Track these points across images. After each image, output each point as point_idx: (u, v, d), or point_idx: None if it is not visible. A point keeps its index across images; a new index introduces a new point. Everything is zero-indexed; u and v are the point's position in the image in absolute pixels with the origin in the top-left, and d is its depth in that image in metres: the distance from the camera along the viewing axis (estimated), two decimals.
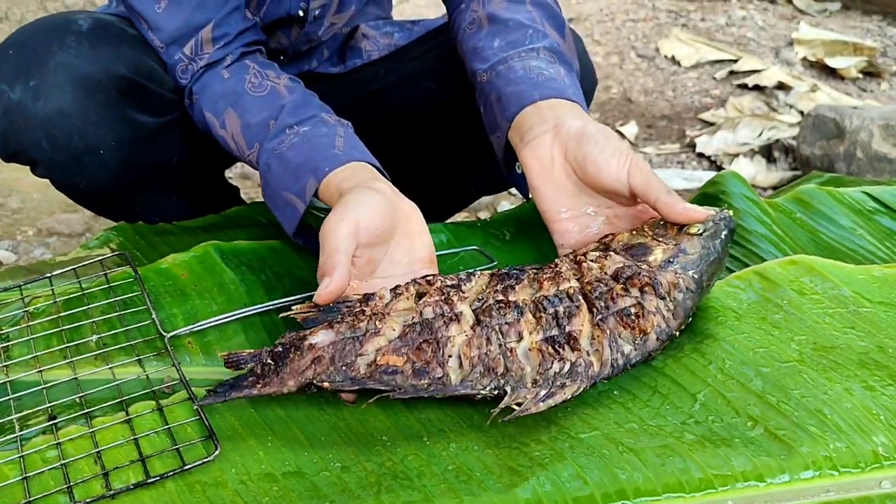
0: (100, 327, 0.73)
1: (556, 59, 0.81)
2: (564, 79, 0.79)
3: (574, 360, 0.63)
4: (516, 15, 0.84)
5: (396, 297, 0.65)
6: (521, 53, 0.81)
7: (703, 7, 3.44)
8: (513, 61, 0.80)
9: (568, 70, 0.81)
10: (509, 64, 0.80)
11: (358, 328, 0.63)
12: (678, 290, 0.67)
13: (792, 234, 0.89)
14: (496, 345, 0.63)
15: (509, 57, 0.81)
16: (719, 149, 2.09)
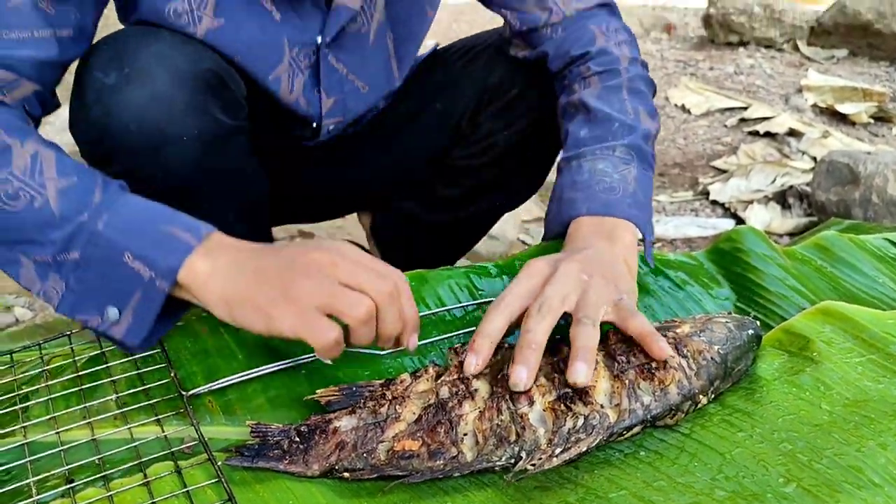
0: (119, 386, 0.72)
1: (633, 156, 0.86)
2: (628, 185, 0.84)
3: (587, 414, 0.63)
4: (608, 107, 0.89)
5: (416, 379, 0.66)
6: (597, 151, 0.86)
7: (710, 56, 3.48)
8: (585, 160, 0.86)
9: (642, 169, 0.86)
10: (580, 161, 0.86)
11: (379, 413, 0.64)
12: (702, 356, 0.67)
13: (813, 283, 0.88)
14: (507, 413, 0.63)
15: (583, 154, 0.87)
16: (733, 196, 2.09)
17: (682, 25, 4.14)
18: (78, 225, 0.67)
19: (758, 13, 3.54)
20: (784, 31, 3.56)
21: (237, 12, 0.83)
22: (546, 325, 0.66)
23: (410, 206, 1.21)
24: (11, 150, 0.68)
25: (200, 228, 0.69)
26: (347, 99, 0.97)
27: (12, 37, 0.70)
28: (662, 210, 2.07)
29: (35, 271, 0.69)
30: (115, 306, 0.68)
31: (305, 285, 0.64)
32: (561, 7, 0.95)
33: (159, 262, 0.67)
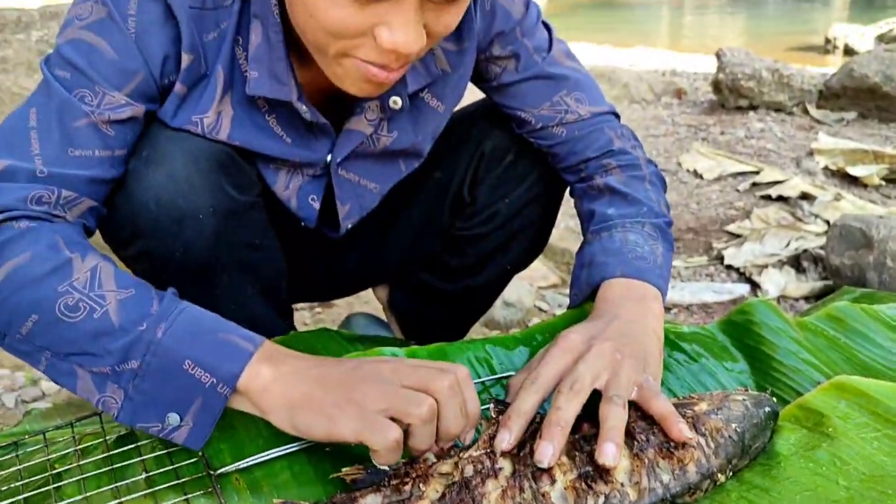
0: (149, 465, 0.74)
1: (660, 236, 0.92)
2: (657, 258, 0.89)
3: (608, 493, 0.64)
4: (635, 191, 0.96)
5: (441, 459, 0.68)
6: (627, 224, 0.92)
7: (721, 120, 3.54)
8: (616, 231, 0.92)
9: (667, 248, 0.92)
10: (612, 232, 0.92)
11: (403, 491, 0.65)
12: (720, 435, 0.68)
13: (827, 355, 0.89)
14: (529, 492, 0.64)
15: (614, 226, 0.92)
16: (748, 260, 2.11)
17: (692, 90, 4.22)
18: (137, 335, 0.68)
19: (766, 78, 3.61)
20: (793, 94, 3.62)
21: (250, 135, 0.87)
22: (576, 404, 0.68)
23: (424, 276, 1.24)
24: (72, 264, 0.70)
25: (255, 337, 0.71)
26: (362, 201, 1.01)
27: (76, 154, 0.75)
28: (678, 275, 2.09)
29: (93, 382, 0.70)
30: (176, 412, 0.70)
31: (368, 390, 0.66)
32: (575, 108, 0.99)
33: (221, 368, 0.68)
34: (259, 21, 0.81)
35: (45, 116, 0.76)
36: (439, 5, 0.72)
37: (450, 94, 0.98)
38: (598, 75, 4.24)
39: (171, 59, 0.79)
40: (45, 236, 0.71)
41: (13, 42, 2.26)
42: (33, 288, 0.69)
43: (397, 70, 0.76)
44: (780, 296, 1.96)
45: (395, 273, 1.29)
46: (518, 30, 0.96)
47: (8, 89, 2.17)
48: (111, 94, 0.76)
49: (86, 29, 0.76)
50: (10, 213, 0.71)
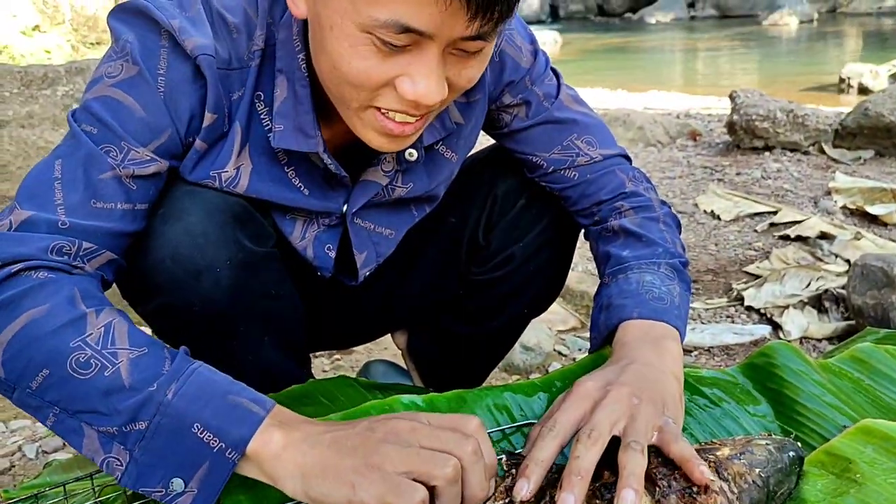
0: None
1: (676, 276, 0.92)
2: (674, 298, 0.88)
3: None
4: (649, 232, 0.96)
5: None
6: (643, 265, 0.92)
7: (737, 161, 3.55)
8: (632, 272, 0.92)
9: (684, 288, 0.92)
10: (627, 274, 0.92)
11: None
12: (744, 480, 0.67)
13: (851, 398, 0.88)
14: None
15: (630, 267, 0.92)
16: (768, 301, 2.09)
17: (707, 132, 4.24)
18: (148, 395, 0.66)
19: (781, 118, 3.62)
20: (808, 134, 3.62)
21: (268, 187, 0.88)
22: (595, 452, 0.67)
23: (443, 321, 1.24)
24: (87, 319, 0.69)
25: (266, 401, 0.70)
26: (378, 248, 1.01)
27: (98, 206, 0.76)
28: (697, 318, 2.07)
29: (99, 441, 0.68)
30: (181, 478, 0.67)
31: (388, 451, 0.63)
32: (586, 151, 1.00)
33: (231, 433, 0.66)
34: (284, 76, 0.83)
35: (69, 168, 0.76)
36: (461, 58, 0.73)
37: (462, 145, 1.00)
38: (613, 119, 4.27)
39: (197, 118, 0.81)
40: (63, 289, 0.71)
41: (39, 98, 2.32)
42: (47, 341, 0.68)
43: (415, 124, 0.77)
44: (802, 337, 1.94)
45: (413, 318, 1.29)
46: (528, 79, 0.98)
47: (34, 143, 2.22)
48: (136, 150, 0.77)
49: (115, 87, 0.78)
50: (30, 263, 0.71)
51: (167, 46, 0.78)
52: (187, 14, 0.80)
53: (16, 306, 0.69)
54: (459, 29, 0.69)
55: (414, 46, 0.70)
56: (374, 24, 0.68)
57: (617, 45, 12.83)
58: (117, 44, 0.79)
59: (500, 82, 0.97)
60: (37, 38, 5.74)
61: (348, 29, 0.70)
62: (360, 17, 0.68)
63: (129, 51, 0.78)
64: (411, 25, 0.67)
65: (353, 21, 0.69)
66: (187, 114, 0.80)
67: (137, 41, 0.78)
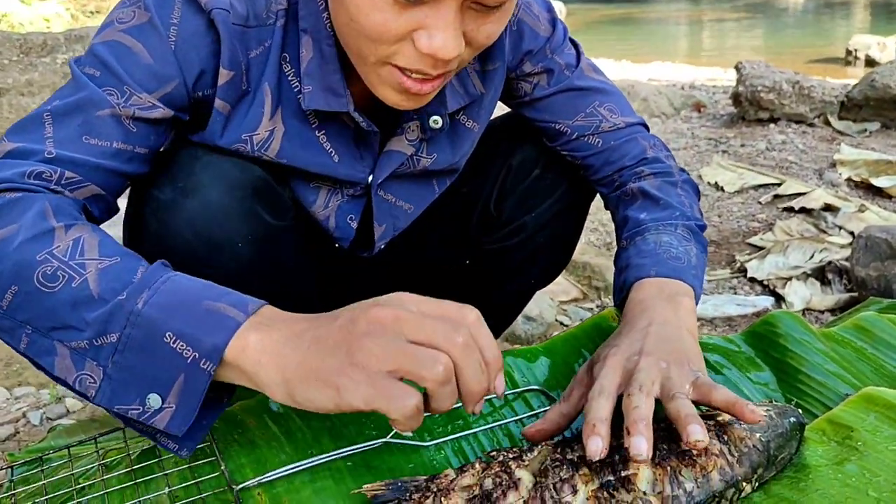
0: (172, 480, 0.75)
1: (693, 238, 0.93)
2: (691, 258, 0.89)
3: (630, 501, 0.63)
4: (667, 196, 0.96)
5: (462, 473, 0.67)
6: (660, 227, 0.93)
7: (742, 133, 3.52)
8: (650, 234, 0.92)
9: (700, 250, 0.92)
10: (645, 235, 0.92)
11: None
12: (744, 444, 0.68)
13: (854, 366, 0.88)
14: (551, 502, 0.63)
15: (647, 229, 0.93)
16: (771, 273, 2.08)
17: (711, 104, 4.21)
18: (117, 304, 0.62)
19: (786, 90, 3.59)
20: (814, 106, 3.59)
21: (299, 152, 0.88)
22: (650, 402, 0.68)
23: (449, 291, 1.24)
24: (55, 234, 0.66)
25: (248, 303, 0.65)
26: (396, 221, 1.01)
27: (91, 143, 0.74)
28: None
29: (71, 359, 0.64)
30: (157, 393, 0.63)
31: (372, 348, 0.59)
32: (609, 118, 1.01)
33: (203, 340, 0.61)
34: (309, 36, 0.81)
35: (64, 105, 0.74)
36: (480, 12, 0.72)
37: (483, 114, 0.99)
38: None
39: (208, 74, 0.79)
40: (35, 205, 0.68)
41: (39, 65, 2.30)
42: (13, 256, 0.65)
43: (433, 82, 0.76)
44: (804, 308, 1.93)
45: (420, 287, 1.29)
46: (548, 48, 0.97)
47: None
48: (139, 96, 0.76)
49: (125, 32, 0.76)
50: (4, 185, 0.69)
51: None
52: None
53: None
54: None
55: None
56: None
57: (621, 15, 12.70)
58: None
59: (519, 51, 0.97)
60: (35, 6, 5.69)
61: None
62: None
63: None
64: None
65: None
66: (197, 67, 0.78)
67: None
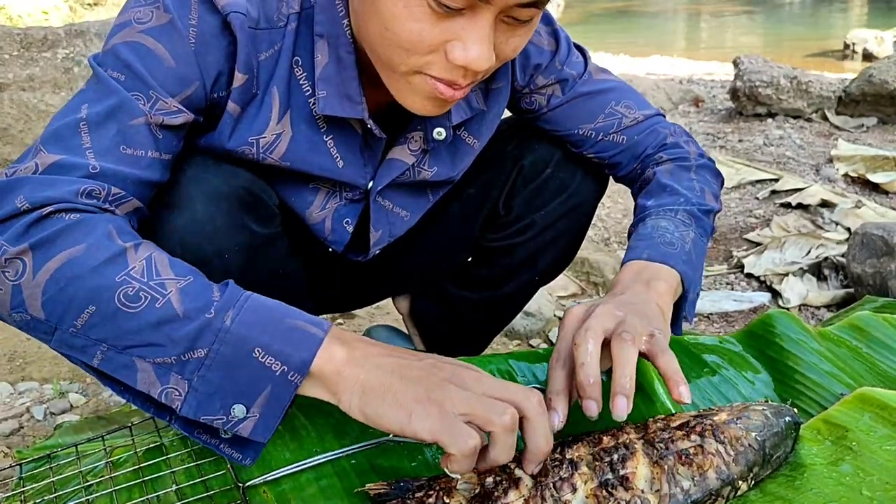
0: (179, 477, 0.76)
1: (693, 223, 0.94)
2: (685, 244, 0.90)
3: (629, 500, 0.65)
4: (676, 183, 0.99)
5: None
6: (661, 212, 0.95)
7: (739, 128, 3.53)
8: (650, 219, 0.95)
9: (699, 234, 0.94)
10: (646, 221, 0.95)
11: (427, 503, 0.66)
12: (739, 443, 0.69)
13: (849, 366, 0.89)
14: (551, 500, 0.65)
15: (649, 215, 0.95)
16: (768, 269, 2.10)
17: (709, 98, 4.21)
18: (205, 322, 0.65)
19: (784, 85, 3.60)
20: (812, 101, 3.60)
21: (304, 155, 0.88)
22: (594, 348, 0.72)
23: (447, 287, 1.25)
24: (127, 254, 0.68)
25: (323, 322, 0.69)
26: (392, 228, 1.02)
27: (128, 152, 0.74)
28: None
29: (155, 374, 0.66)
30: (242, 403, 0.66)
31: (451, 390, 0.63)
32: (629, 114, 1.03)
33: (293, 355, 0.65)
34: (325, 41, 0.82)
35: (97, 112, 0.74)
36: (511, 26, 0.73)
37: (484, 132, 1.01)
38: None
39: (224, 76, 0.80)
40: (99, 227, 0.69)
41: (40, 60, 2.30)
42: (90, 278, 0.66)
43: (462, 89, 0.77)
44: (801, 304, 1.95)
45: (417, 285, 1.30)
46: (556, 61, 1.00)
47: (35, 107, 2.21)
48: (164, 100, 0.76)
49: (145, 33, 0.76)
50: (60, 206, 0.69)
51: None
52: None
53: (50, 247, 0.67)
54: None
55: (469, 10, 0.69)
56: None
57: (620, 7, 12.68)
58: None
59: (528, 67, 0.99)
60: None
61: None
62: None
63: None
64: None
65: None
66: (215, 68, 0.78)
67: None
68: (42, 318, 0.67)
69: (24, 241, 0.66)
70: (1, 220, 0.68)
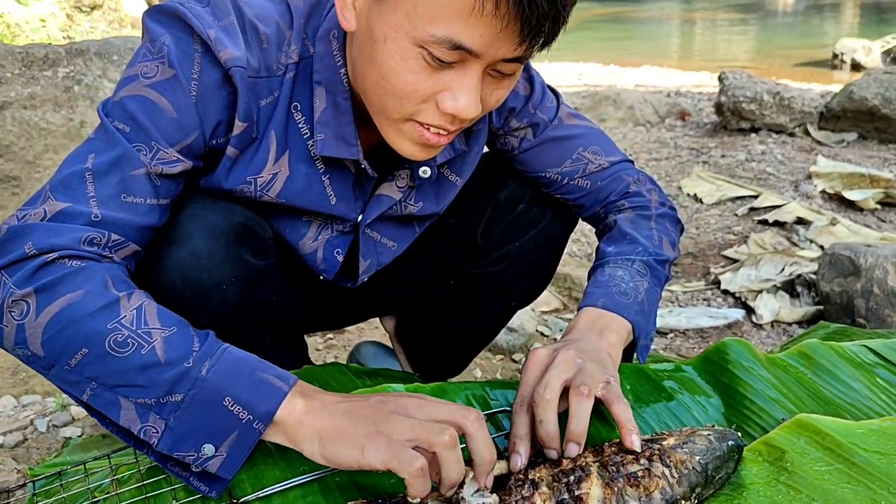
0: (179, 494, 0.83)
1: (649, 272, 1.01)
2: (639, 294, 0.98)
3: None
4: (636, 231, 1.06)
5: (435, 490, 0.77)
6: (619, 261, 1.02)
7: (723, 143, 3.62)
8: (608, 266, 1.02)
9: (653, 284, 1.01)
10: (604, 268, 1.02)
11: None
12: (684, 466, 0.77)
13: (794, 392, 0.97)
14: None
15: (608, 262, 1.03)
16: (743, 285, 2.18)
17: (696, 112, 4.30)
18: (184, 370, 0.74)
19: (767, 101, 3.69)
20: (794, 116, 3.69)
21: (299, 193, 0.95)
22: (552, 410, 0.81)
23: (431, 310, 1.33)
24: (120, 303, 0.76)
25: (289, 377, 0.78)
26: (380, 257, 1.10)
27: (129, 200, 0.82)
28: (675, 300, 2.17)
29: (136, 412, 0.75)
30: (212, 444, 0.75)
31: (395, 421, 0.72)
32: (595, 160, 1.10)
33: (258, 406, 0.75)
34: (324, 88, 0.89)
35: (102, 163, 0.81)
36: (496, 79, 0.81)
37: (466, 169, 1.09)
38: (604, 98, 4.33)
39: (224, 125, 0.87)
40: (97, 275, 0.76)
41: (41, 79, 2.36)
42: (85, 323, 0.74)
43: (448, 136, 0.84)
44: (773, 320, 2.03)
45: (403, 307, 1.38)
46: (530, 105, 1.07)
47: (36, 124, 2.27)
48: (165, 151, 0.83)
49: (151, 87, 0.83)
50: (64, 252, 0.76)
51: (200, 51, 0.83)
52: (221, 24, 0.84)
53: (53, 291, 0.75)
54: (506, 50, 0.75)
55: (460, 64, 0.76)
56: (428, 39, 0.74)
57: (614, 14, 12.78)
58: (153, 44, 0.83)
59: (503, 110, 1.06)
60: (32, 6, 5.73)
61: (402, 42, 0.76)
62: (415, 32, 0.74)
63: (166, 53, 0.82)
64: (463, 44, 0.73)
65: (409, 35, 0.75)
66: (214, 118, 0.85)
67: (174, 44, 0.83)
68: (41, 354, 0.75)
69: (29, 285, 0.75)
70: (11, 263, 0.76)
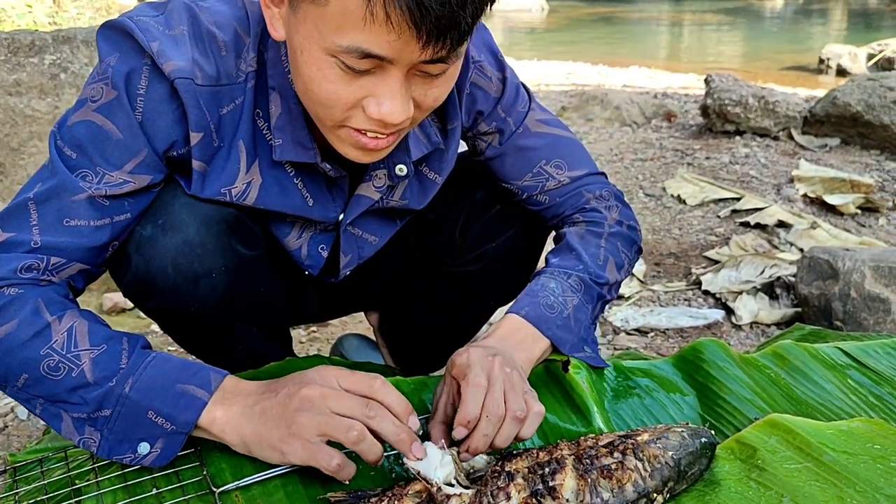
0: (159, 482, 0.84)
1: (583, 289, 1.01)
2: (566, 309, 0.99)
3: None
4: (582, 246, 1.05)
5: (413, 482, 0.78)
6: (555, 272, 1.02)
7: (708, 145, 3.65)
8: (544, 276, 1.02)
9: (585, 301, 1.01)
10: (540, 276, 1.03)
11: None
12: (657, 461, 0.79)
13: (767, 392, 1.00)
14: None
15: (545, 272, 1.03)
16: (724, 286, 2.21)
17: (682, 113, 4.34)
18: (108, 389, 0.82)
19: (752, 104, 3.72)
20: (778, 120, 3.73)
21: (276, 198, 0.96)
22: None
23: (413, 308, 1.35)
24: (51, 328, 0.82)
25: (211, 383, 0.84)
26: (361, 251, 1.11)
27: (71, 224, 0.85)
28: (657, 300, 2.19)
29: (73, 425, 0.84)
30: (146, 442, 0.84)
31: (303, 422, 0.78)
32: (556, 175, 1.08)
33: (177, 418, 0.82)
34: (277, 93, 0.89)
35: (45, 191, 0.84)
36: (426, 79, 0.79)
37: (445, 167, 1.07)
38: (591, 98, 4.35)
39: (179, 136, 0.87)
40: (29, 303, 0.82)
41: (27, 65, 2.35)
42: (20, 352, 0.81)
43: (387, 138, 0.83)
44: (752, 322, 2.06)
45: (385, 301, 1.39)
46: (500, 108, 1.05)
47: (21, 112, 2.27)
48: (110, 175, 0.85)
49: (96, 111, 0.84)
50: (2, 283, 0.82)
51: (149, 65, 0.83)
52: (171, 32, 0.84)
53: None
54: (416, 55, 0.73)
55: (377, 69, 0.75)
56: (337, 49, 0.73)
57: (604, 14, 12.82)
58: (101, 65, 0.84)
59: (472, 112, 1.04)
60: None
61: (316, 53, 0.75)
62: (325, 43, 0.73)
63: (110, 75, 0.83)
64: (371, 51, 0.72)
65: (320, 46, 0.74)
66: (164, 132, 0.86)
67: (119, 63, 0.83)
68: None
69: None
70: None
